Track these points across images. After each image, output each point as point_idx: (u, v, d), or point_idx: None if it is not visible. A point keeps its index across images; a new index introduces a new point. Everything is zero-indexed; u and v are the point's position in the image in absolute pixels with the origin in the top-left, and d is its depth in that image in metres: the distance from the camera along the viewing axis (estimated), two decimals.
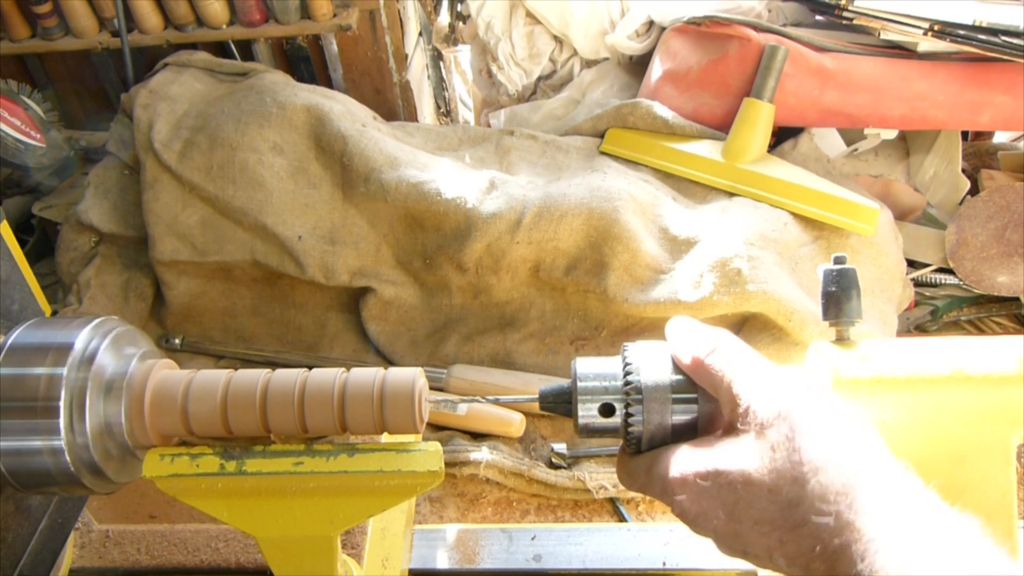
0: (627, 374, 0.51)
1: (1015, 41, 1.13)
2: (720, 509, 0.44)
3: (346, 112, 1.31)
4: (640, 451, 0.51)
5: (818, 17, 1.44)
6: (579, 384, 0.52)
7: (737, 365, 0.47)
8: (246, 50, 1.52)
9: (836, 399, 0.46)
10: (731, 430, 0.46)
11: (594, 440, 1.14)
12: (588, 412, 0.52)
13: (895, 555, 0.37)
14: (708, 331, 0.51)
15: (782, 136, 1.39)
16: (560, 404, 0.54)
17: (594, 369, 0.53)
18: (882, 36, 1.26)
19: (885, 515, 0.38)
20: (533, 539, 0.99)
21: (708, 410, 0.50)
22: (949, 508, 0.40)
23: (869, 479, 0.40)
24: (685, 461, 0.47)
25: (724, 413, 0.47)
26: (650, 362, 0.51)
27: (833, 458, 0.41)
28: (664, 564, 0.93)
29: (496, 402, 0.62)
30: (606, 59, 1.64)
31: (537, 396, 0.55)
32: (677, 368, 0.51)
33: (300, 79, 1.46)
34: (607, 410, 0.51)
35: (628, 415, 0.50)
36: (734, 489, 0.43)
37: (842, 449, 0.42)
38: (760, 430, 0.44)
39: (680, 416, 0.50)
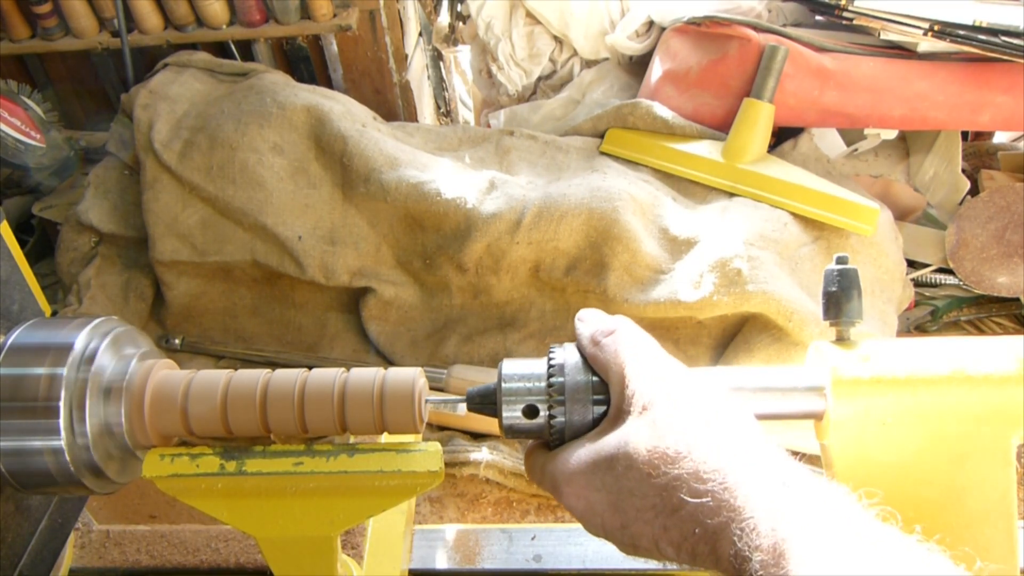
0: (551, 375, 0.51)
1: (1015, 41, 1.13)
2: (605, 500, 0.44)
3: (346, 112, 1.31)
4: None
5: (818, 17, 1.44)
6: (503, 385, 0.52)
7: (629, 350, 0.48)
8: (246, 50, 1.52)
9: (718, 388, 0.47)
10: (618, 416, 0.46)
11: None
12: (512, 413, 0.52)
13: (771, 530, 0.37)
14: (606, 318, 0.52)
15: (782, 136, 1.38)
16: (487, 405, 0.54)
17: (519, 370, 0.53)
18: (882, 36, 1.26)
19: (759, 491, 0.39)
20: (533, 539, 0.99)
21: None
22: (820, 478, 0.40)
23: (742, 458, 0.41)
24: (572, 456, 0.47)
25: (613, 398, 0.48)
26: (574, 363, 0.51)
27: (707, 438, 0.42)
28: (665, 565, 0.93)
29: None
30: (606, 59, 1.64)
31: (465, 398, 0.55)
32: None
33: (300, 79, 1.46)
34: (531, 411, 0.51)
35: (551, 416, 0.50)
36: (616, 476, 0.44)
37: (716, 430, 0.43)
38: (643, 410, 0.45)
39: (601, 415, 0.50)
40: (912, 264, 1.37)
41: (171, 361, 0.62)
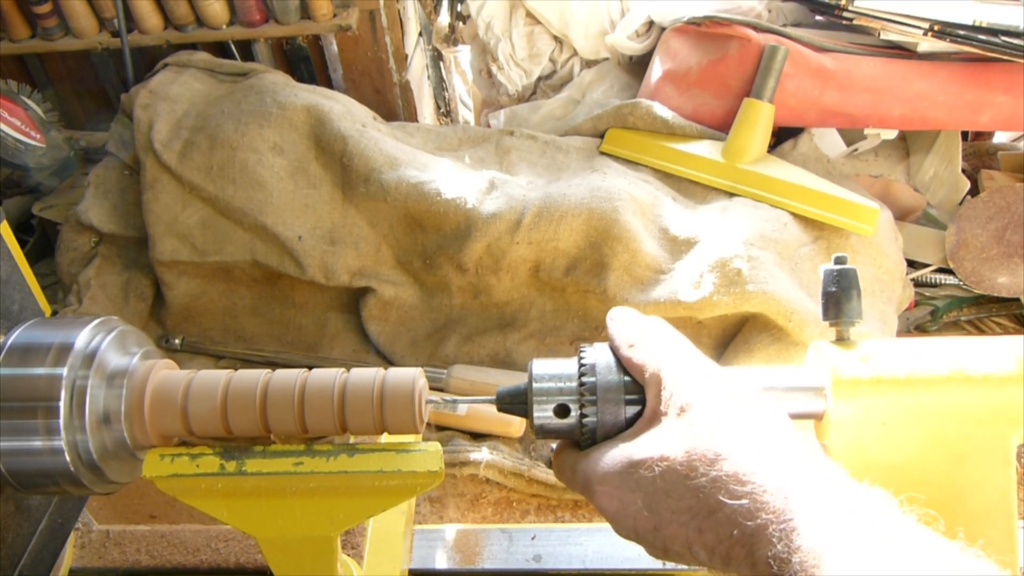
0: (582, 375, 0.51)
1: (1015, 41, 1.13)
2: (639, 500, 0.44)
3: (346, 112, 1.31)
4: None
5: (818, 17, 1.44)
6: (534, 385, 0.52)
7: (665, 351, 0.48)
8: (246, 50, 1.52)
9: (756, 390, 0.47)
10: (654, 417, 0.46)
11: None
12: (543, 413, 0.52)
13: (811, 532, 0.37)
14: (641, 319, 0.52)
15: (782, 136, 1.38)
16: (517, 405, 0.54)
17: (550, 370, 0.53)
18: (882, 36, 1.26)
19: (799, 493, 0.39)
20: (533, 539, 0.99)
21: None
22: (859, 483, 0.40)
23: (781, 459, 0.41)
24: (605, 456, 0.47)
25: (649, 399, 0.47)
26: (605, 362, 0.51)
27: (746, 439, 0.42)
28: (664, 564, 0.93)
29: (454, 403, 0.61)
30: (606, 59, 1.64)
31: (495, 397, 0.55)
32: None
33: (300, 79, 1.46)
34: (562, 411, 0.51)
35: (583, 416, 0.50)
36: (652, 477, 0.43)
37: (755, 431, 0.42)
38: (680, 411, 0.44)
39: (634, 416, 0.50)
40: (912, 264, 1.37)
41: (171, 361, 0.62)
